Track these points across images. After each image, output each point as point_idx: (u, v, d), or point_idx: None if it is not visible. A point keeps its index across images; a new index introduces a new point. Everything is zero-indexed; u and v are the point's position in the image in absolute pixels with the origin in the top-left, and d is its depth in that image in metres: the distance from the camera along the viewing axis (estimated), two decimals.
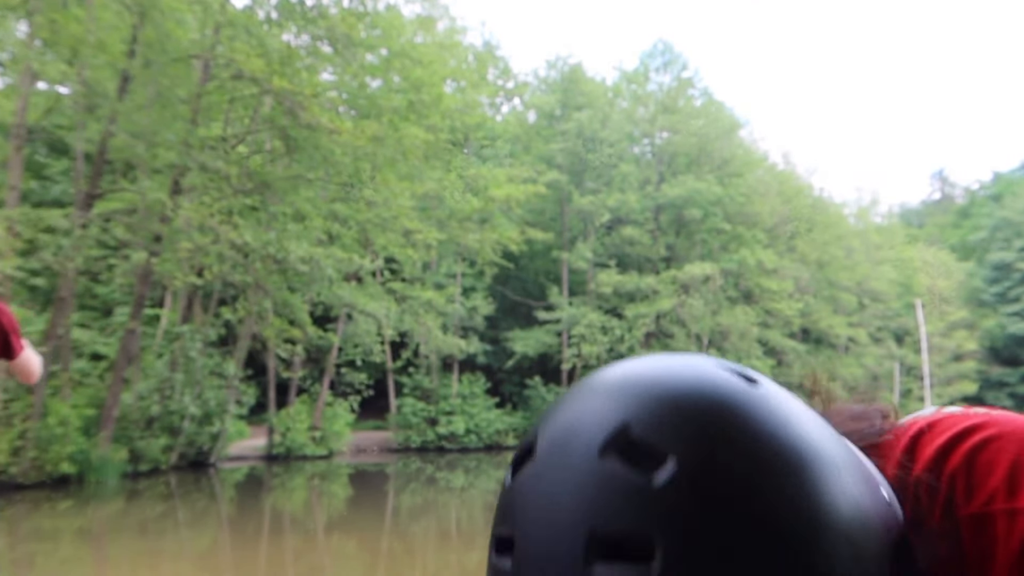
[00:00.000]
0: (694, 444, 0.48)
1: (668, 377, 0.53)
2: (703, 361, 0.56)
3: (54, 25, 13.13)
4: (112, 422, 15.47)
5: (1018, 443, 0.55)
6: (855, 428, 0.67)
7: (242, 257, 15.48)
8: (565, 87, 30.77)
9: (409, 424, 25.36)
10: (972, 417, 0.60)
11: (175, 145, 14.61)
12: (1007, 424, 0.57)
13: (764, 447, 0.49)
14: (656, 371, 0.54)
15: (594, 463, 0.49)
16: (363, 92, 17.49)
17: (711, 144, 31.40)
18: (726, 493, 0.47)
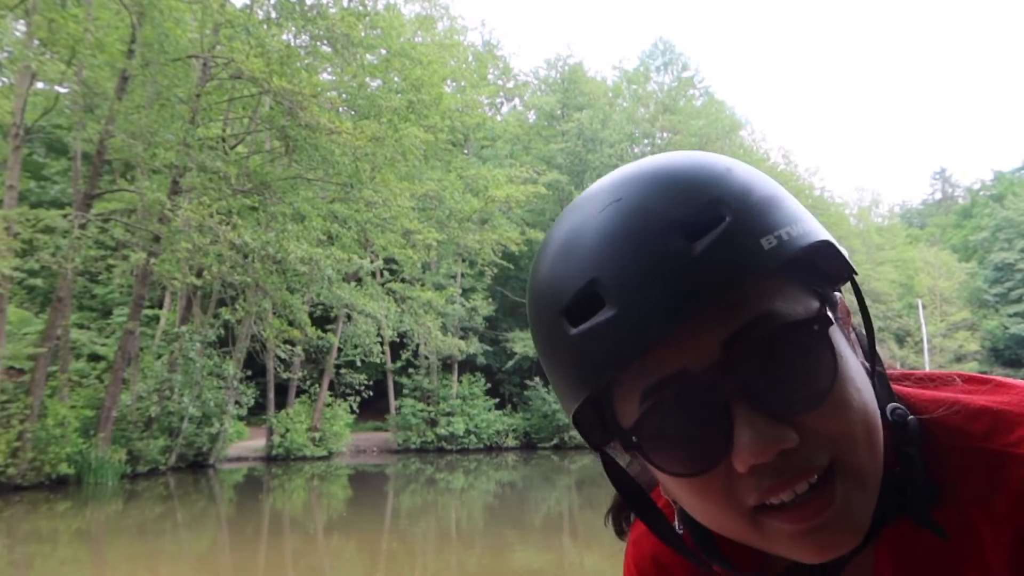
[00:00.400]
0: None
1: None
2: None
3: (52, 24, 13.09)
4: (111, 423, 15.43)
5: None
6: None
7: (241, 257, 15.44)
8: (565, 87, 30.76)
9: (409, 425, 25.32)
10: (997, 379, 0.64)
11: (174, 145, 14.58)
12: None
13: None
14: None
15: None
16: (363, 92, 17.46)
17: (712, 144, 31.37)
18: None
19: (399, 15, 21.30)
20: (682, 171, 0.54)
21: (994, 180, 60.92)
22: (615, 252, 0.50)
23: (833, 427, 0.51)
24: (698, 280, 0.48)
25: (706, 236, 0.49)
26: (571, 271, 0.53)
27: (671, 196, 0.52)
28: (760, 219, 0.51)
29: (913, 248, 47.10)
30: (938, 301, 42.78)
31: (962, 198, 69.94)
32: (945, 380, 0.67)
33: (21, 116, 13.92)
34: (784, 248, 0.50)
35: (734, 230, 0.50)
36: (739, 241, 0.50)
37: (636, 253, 0.50)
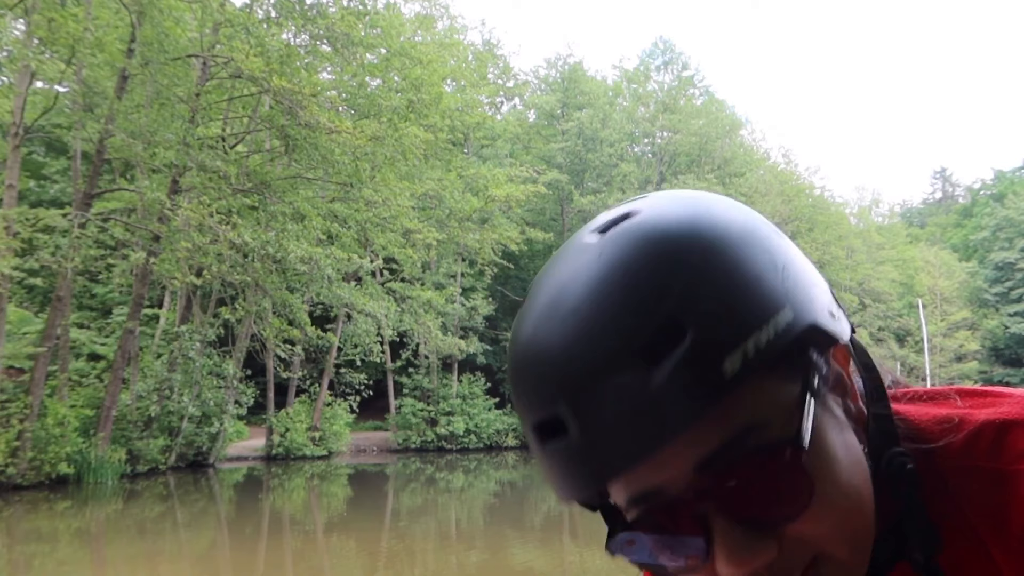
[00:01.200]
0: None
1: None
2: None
3: (52, 24, 13.07)
4: (110, 422, 15.42)
5: None
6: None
7: (241, 257, 15.43)
8: (565, 86, 30.73)
9: (409, 425, 25.31)
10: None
11: (174, 144, 14.56)
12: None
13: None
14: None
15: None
16: (362, 91, 17.44)
17: (712, 143, 31.36)
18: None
19: (399, 14, 21.29)
20: (637, 278, 0.48)
21: (995, 179, 60.90)
22: (574, 377, 0.48)
23: (815, 532, 0.50)
24: (659, 413, 0.45)
25: (665, 361, 0.46)
26: (535, 390, 0.51)
27: (626, 313, 0.47)
28: (729, 329, 0.46)
29: (913, 247, 47.09)
30: (938, 300, 42.76)
31: (962, 197, 69.94)
32: (945, 396, 0.65)
33: (21, 115, 13.90)
34: (759, 358, 0.46)
35: (697, 351, 0.46)
36: (704, 362, 0.46)
37: (594, 380, 0.47)
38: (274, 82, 13.98)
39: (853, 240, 39.85)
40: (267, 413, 21.76)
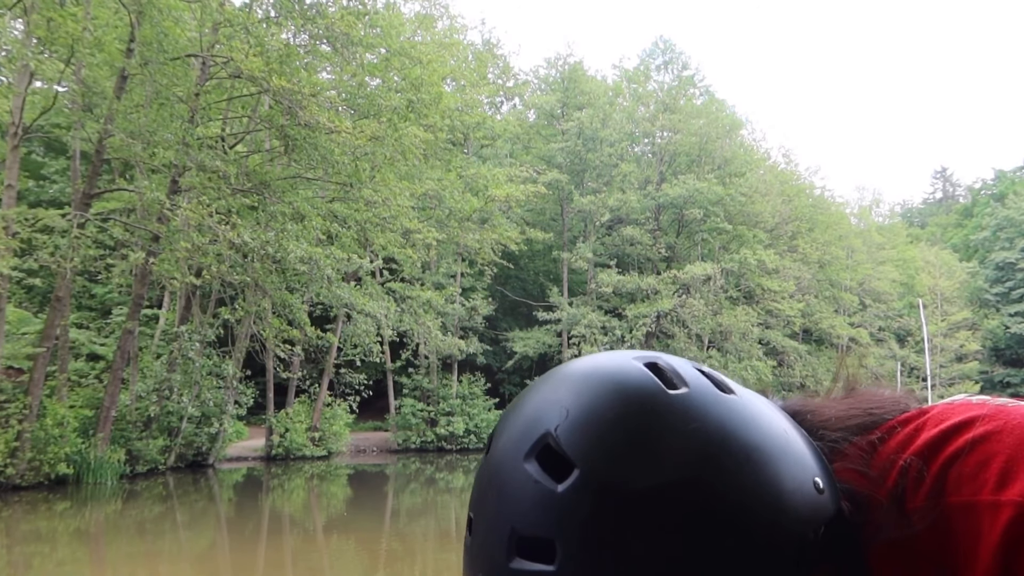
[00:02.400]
0: (596, 455, 0.52)
1: (590, 386, 0.56)
2: (628, 366, 0.57)
3: (51, 23, 13.05)
4: (110, 423, 15.40)
5: (1016, 440, 0.56)
6: (869, 410, 0.67)
7: (241, 257, 15.40)
8: (565, 86, 30.70)
9: (408, 425, 25.29)
10: (981, 407, 0.61)
11: (173, 144, 14.54)
12: (1014, 418, 0.58)
13: (666, 457, 0.52)
14: (584, 377, 0.57)
15: (519, 467, 0.54)
16: (362, 91, 17.41)
17: (712, 143, 31.32)
18: (621, 503, 0.50)
19: (399, 14, 21.27)
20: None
21: (995, 179, 60.85)
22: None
23: None
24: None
25: None
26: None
27: None
28: None
29: (914, 247, 47.05)
30: (939, 301, 42.72)
31: (963, 197, 69.90)
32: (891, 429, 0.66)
33: (20, 115, 13.88)
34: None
35: None
36: None
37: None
38: (273, 82, 13.95)
39: (853, 240, 39.80)
40: (267, 413, 21.74)
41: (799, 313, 32.22)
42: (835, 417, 0.66)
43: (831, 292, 37.26)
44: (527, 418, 0.57)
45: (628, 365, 0.57)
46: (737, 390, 0.59)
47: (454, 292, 26.11)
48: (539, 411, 0.56)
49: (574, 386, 0.56)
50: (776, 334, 31.96)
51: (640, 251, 29.60)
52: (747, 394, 0.59)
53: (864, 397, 0.70)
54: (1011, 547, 0.52)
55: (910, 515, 0.58)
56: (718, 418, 0.54)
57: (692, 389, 0.55)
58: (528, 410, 0.58)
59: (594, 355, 0.61)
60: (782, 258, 31.97)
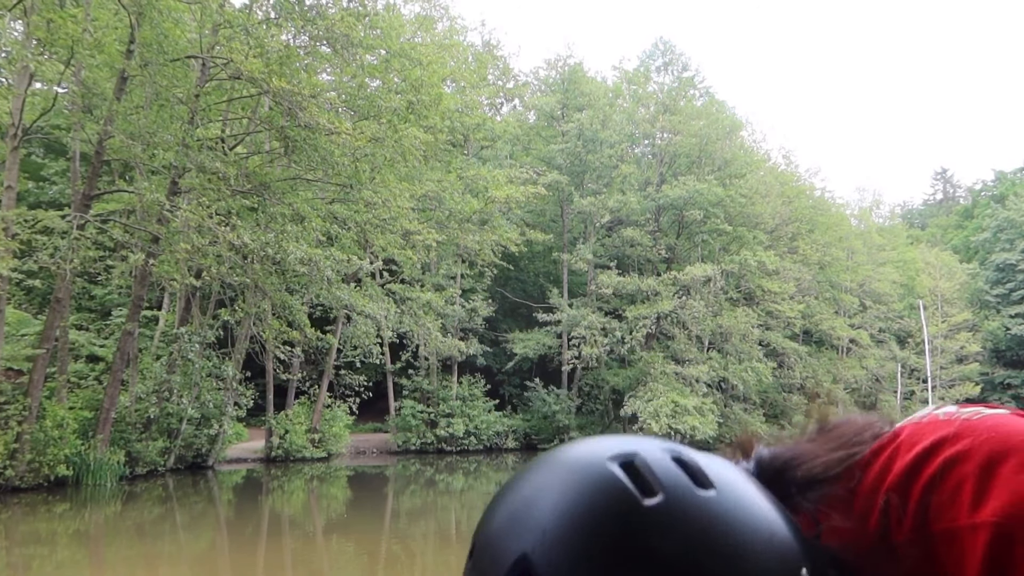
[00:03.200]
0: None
1: (565, 498, 0.55)
2: (602, 472, 0.56)
3: (50, 24, 13.05)
4: (109, 424, 15.39)
5: (983, 458, 0.57)
6: (832, 456, 0.68)
7: (240, 258, 15.39)
8: (565, 87, 30.69)
9: (408, 426, 25.26)
10: (948, 426, 0.62)
11: (173, 146, 14.53)
12: (980, 434, 0.59)
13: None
14: (560, 487, 0.57)
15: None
16: (362, 92, 17.39)
17: (712, 145, 31.29)
18: None
19: (399, 15, 21.25)
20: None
21: (995, 180, 60.86)
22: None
23: None
24: None
25: None
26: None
27: None
28: None
29: (914, 249, 47.02)
30: (939, 302, 42.69)
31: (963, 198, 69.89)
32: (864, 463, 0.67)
33: (19, 116, 13.87)
34: None
35: None
36: None
37: None
38: (273, 83, 13.94)
39: (854, 241, 39.77)
40: (266, 415, 21.72)
41: (799, 314, 32.18)
42: (820, 464, 0.67)
43: (831, 293, 37.24)
44: (506, 533, 0.57)
45: (602, 471, 0.56)
46: (716, 480, 0.57)
47: (454, 293, 26.10)
48: (518, 528, 0.56)
49: (551, 498, 0.56)
50: (776, 335, 31.94)
51: (640, 252, 29.58)
52: (726, 485, 0.57)
53: (839, 431, 0.71)
54: (992, 567, 0.53)
55: (898, 550, 0.58)
56: (698, 527, 0.53)
57: (668, 494, 0.54)
58: (507, 524, 0.58)
59: (573, 449, 0.61)
60: (782, 259, 31.94)
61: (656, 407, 25.52)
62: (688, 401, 26.10)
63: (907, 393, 40.90)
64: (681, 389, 26.81)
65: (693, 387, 27.36)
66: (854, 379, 36.84)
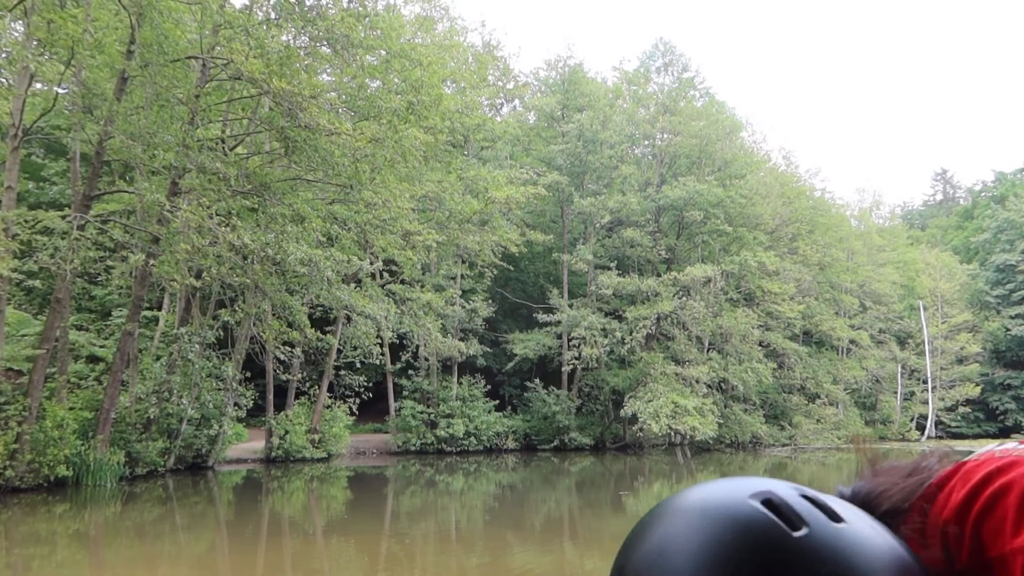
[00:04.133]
0: None
1: (716, 539, 0.57)
2: (746, 508, 0.59)
3: (51, 25, 13.05)
4: (109, 425, 15.39)
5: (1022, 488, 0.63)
6: (904, 487, 0.73)
7: (241, 259, 15.39)
8: (565, 88, 30.70)
9: (408, 427, 25.26)
10: (1001, 460, 0.68)
11: (173, 146, 14.53)
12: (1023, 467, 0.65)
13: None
14: (704, 525, 0.59)
15: None
16: (362, 93, 17.39)
17: (712, 145, 31.30)
18: None
19: (399, 16, 21.26)
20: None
21: (995, 181, 60.86)
22: None
23: None
24: None
25: None
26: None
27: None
28: None
29: (914, 250, 47.03)
30: (939, 303, 42.70)
31: (963, 199, 69.87)
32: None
33: (20, 117, 13.88)
34: None
35: None
36: None
37: None
38: (274, 84, 13.94)
39: (854, 242, 39.79)
40: (266, 415, 21.73)
41: (799, 315, 32.20)
42: (899, 492, 0.72)
43: (831, 294, 37.25)
44: (660, 569, 0.59)
45: (747, 508, 0.59)
46: (844, 514, 0.61)
47: (454, 294, 26.10)
48: (672, 562, 0.58)
49: (700, 536, 0.58)
50: (776, 336, 31.95)
51: (640, 253, 29.59)
52: (853, 518, 0.61)
53: (898, 467, 0.76)
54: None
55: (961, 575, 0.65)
56: (843, 556, 0.56)
57: (812, 527, 0.58)
58: (658, 560, 0.59)
59: (706, 489, 0.64)
60: (782, 260, 31.96)
61: (656, 408, 25.52)
62: (688, 402, 26.09)
63: (907, 394, 40.90)
64: (681, 390, 26.81)
65: (693, 388, 27.36)
66: (854, 380, 36.85)
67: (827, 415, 33.94)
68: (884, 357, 39.49)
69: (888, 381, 40.07)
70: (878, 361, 38.75)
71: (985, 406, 42.76)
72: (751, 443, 30.54)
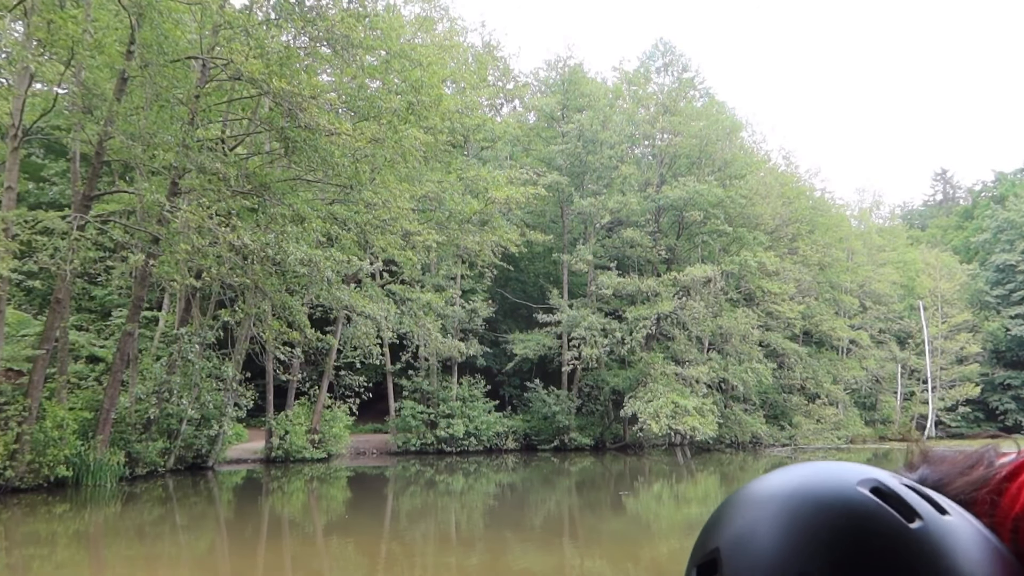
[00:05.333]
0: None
1: (832, 529, 0.56)
2: (857, 497, 0.58)
3: (51, 25, 13.05)
4: (109, 425, 15.39)
5: None
6: (968, 478, 0.72)
7: (241, 259, 15.39)
8: (565, 88, 30.68)
9: (408, 427, 25.25)
10: None
11: (173, 146, 14.54)
12: None
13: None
14: (816, 515, 0.58)
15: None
16: (362, 93, 17.39)
17: (712, 146, 31.29)
18: None
19: (399, 16, 21.26)
20: None
21: (995, 181, 60.85)
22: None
23: None
24: None
25: None
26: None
27: None
28: None
29: (914, 250, 47.02)
30: (939, 303, 42.69)
31: (963, 199, 69.87)
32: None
33: (20, 117, 13.88)
34: None
35: None
36: None
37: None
38: (274, 84, 13.94)
39: (854, 242, 39.79)
40: (266, 415, 21.72)
41: (799, 315, 32.19)
42: (963, 483, 0.70)
43: (831, 294, 37.24)
44: (779, 556, 0.57)
45: (859, 497, 0.58)
46: (947, 507, 0.60)
47: (454, 294, 26.09)
48: (796, 548, 0.57)
49: (803, 523, 0.57)
50: (776, 336, 31.94)
51: (640, 253, 29.59)
52: (952, 511, 0.61)
53: (956, 461, 0.75)
54: None
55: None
56: (959, 551, 0.56)
57: (926, 519, 0.57)
58: (784, 545, 0.57)
59: (800, 475, 0.62)
60: (782, 260, 31.94)
61: (656, 408, 25.52)
62: (688, 402, 26.09)
63: (907, 394, 40.90)
64: (681, 390, 26.81)
65: (693, 388, 27.36)
66: (854, 380, 36.84)
67: (827, 415, 33.93)
68: (884, 357, 39.48)
69: (888, 381, 40.07)
70: (878, 361, 38.75)
71: (985, 406, 42.76)
72: (751, 443, 30.53)
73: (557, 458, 25.35)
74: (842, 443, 33.19)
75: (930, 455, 0.76)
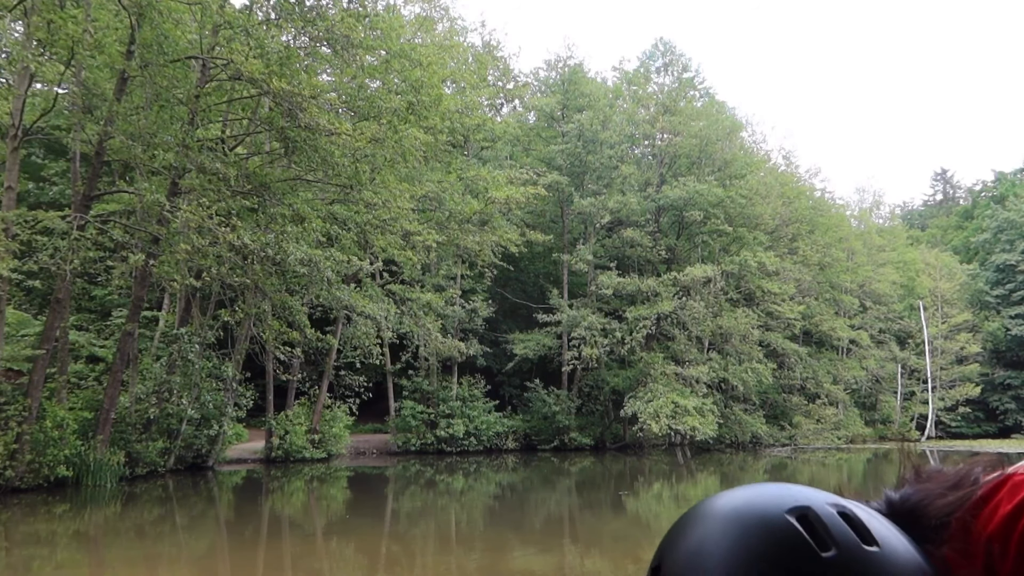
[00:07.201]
0: None
1: (747, 548, 0.60)
2: (779, 522, 0.61)
3: (51, 25, 13.05)
4: (109, 425, 15.39)
5: None
6: (945, 500, 0.72)
7: (240, 259, 15.39)
8: (565, 88, 30.69)
9: (408, 427, 25.26)
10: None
11: (173, 146, 14.54)
12: None
13: None
14: (741, 539, 0.61)
15: None
16: (362, 93, 17.40)
17: (712, 146, 31.30)
18: None
19: (399, 16, 21.25)
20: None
21: (995, 181, 60.85)
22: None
23: None
24: None
25: None
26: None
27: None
28: None
29: (914, 249, 47.02)
30: (939, 303, 42.70)
31: (963, 199, 69.88)
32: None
33: (20, 117, 13.88)
34: None
35: None
36: None
37: None
38: (274, 84, 13.94)
39: (854, 242, 39.79)
40: (266, 415, 21.72)
41: (799, 315, 32.19)
42: (943, 504, 0.71)
43: (831, 294, 37.24)
44: (692, 570, 0.62)
45: (782, 522, 0.61)
46: (878, 537, 0.62)
47: (454, 294, 26.08)
48: (703, 564, 0.61)
49: (730, 543, 0.60)
50: (776, 336, 31.94)
51: (640, 253, 29.58)
52: (887, 542, 0.62)
53: (944, 475, 0.75)
54: None
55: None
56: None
57: (841, 550, 0.59)
58: (692, 561, 0.62)
59: (744, 497, 0.66)
60: (782, 260, 31.95)
61: (656, 408, 25.52)
62: (688, 402, 26.09)
63: (907, 394, 40.90)
64: (681, 390, 26.81)
65: (693, 388, 27.36)
66: (854, 380, 36.84)
67: (827, 415, 33.94)
68: (884, 357, 39.48)
69: (888, 381, 40.07)
70: (878, 361, 38.76)
71: (985, 406, 42.76)
72: (751, 443, 30.52)
73: (557, 458, 25.34)
74: (842, 443, 33.20)
75: (922, 472, 0.76)
